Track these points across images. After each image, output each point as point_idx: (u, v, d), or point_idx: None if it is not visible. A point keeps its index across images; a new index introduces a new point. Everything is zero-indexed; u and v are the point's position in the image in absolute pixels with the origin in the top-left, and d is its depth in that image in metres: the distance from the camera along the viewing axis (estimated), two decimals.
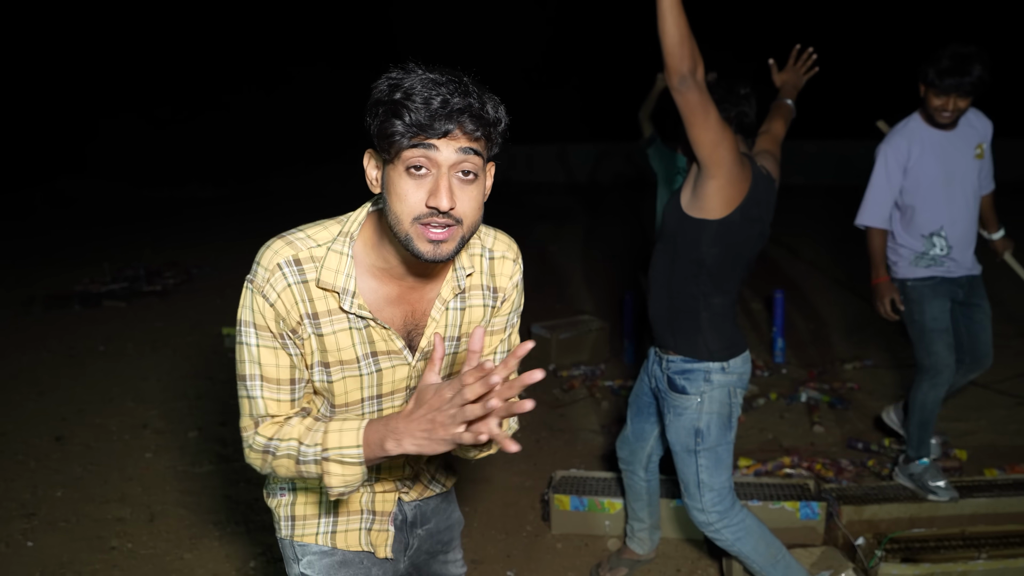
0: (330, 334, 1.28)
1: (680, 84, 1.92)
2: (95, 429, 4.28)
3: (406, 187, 1.15)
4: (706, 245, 2.17)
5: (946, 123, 2.83)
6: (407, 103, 1.10)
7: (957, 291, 3.02)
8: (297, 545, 1.47)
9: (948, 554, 2.61)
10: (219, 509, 3.39)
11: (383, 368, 1.34)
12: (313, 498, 1.46)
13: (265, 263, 1.26)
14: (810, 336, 5.70)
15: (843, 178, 15.34)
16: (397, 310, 1.32)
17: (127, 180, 17.25)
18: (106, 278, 8.00)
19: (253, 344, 1.28)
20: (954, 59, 2.69)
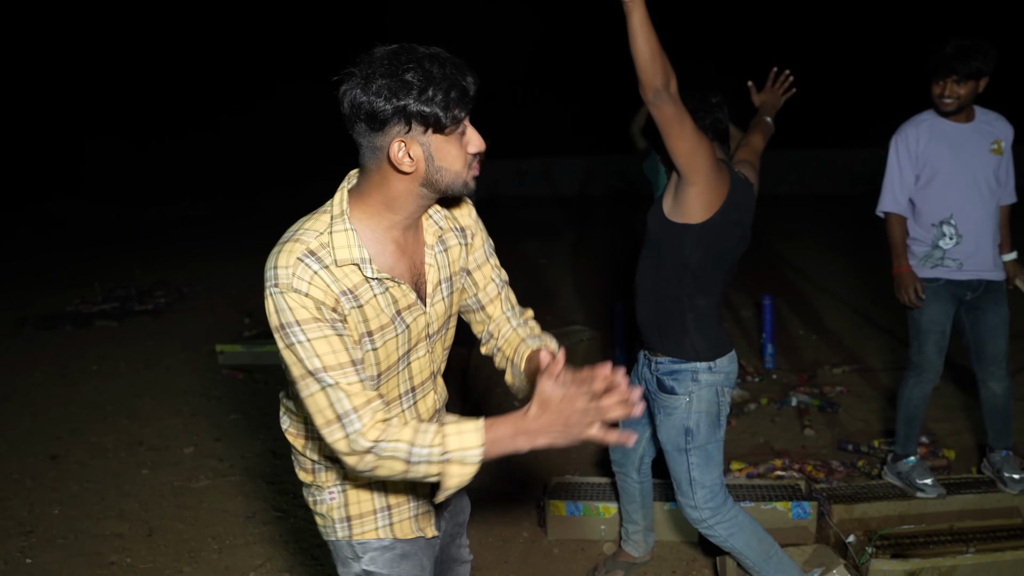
0: (366, 304, 1.37)
1: (655, 98, 2.00)
2: (90, 447, 4.29)
3: (456, 148, 1.35)
4: (689, 248, 2.25)
5: (949, 110, 2.88)
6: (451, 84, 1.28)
7: (964, 292, 3.03)
8: (356, 544, 1.54)
9: (937, 549, 2.66)
10: (217, 523, 3.41)
11: (409, 324, 1.46)
12: (366, 496, 1.54)
13: (283, 263, 1.32)
14: (799, 341, 5.77)
15: (832, 186, 15.54)
16: (402, 265, 1.44)
17: (116, 201, 17.23)
18: (97, 298, 8.00)
19: (304, 340, 1.30)
20: (954, 47, 2.79)
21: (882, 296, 6.68)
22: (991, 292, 3.02)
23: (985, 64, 2.78)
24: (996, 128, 2.95)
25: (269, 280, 1.32)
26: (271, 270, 1.32)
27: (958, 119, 2.94)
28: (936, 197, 2.99)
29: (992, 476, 3.17)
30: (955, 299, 3.05)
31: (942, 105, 2.89)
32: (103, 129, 19.32)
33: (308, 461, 1.57)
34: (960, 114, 2.92)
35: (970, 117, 2.95)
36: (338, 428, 1.30)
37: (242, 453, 4.13)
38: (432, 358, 1.57)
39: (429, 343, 1.53)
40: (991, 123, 2.96)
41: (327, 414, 1.30)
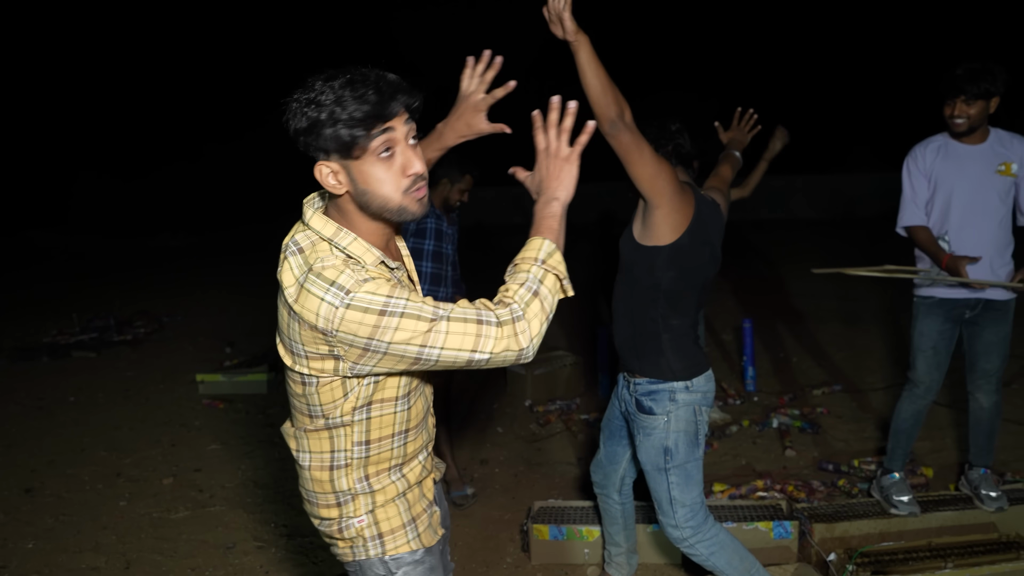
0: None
1: (611, 128, 2.07)
2: (66, 479, 4.23)
3: (381, 171, 1.34)
4: (660, 270, 2.29)
5: (960, 130, 2.93)
6: (347, 108, 1.27)
7: (963, 311, 3.07)
8: (390, 560, 1.55)
9: (916, 565, 2.68)
10: (196, 554, 3.36)
11: None
12: (393, 511, 1.56)
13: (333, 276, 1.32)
14: (779, 364, 5.82)
15: (812, 211, 15.74)
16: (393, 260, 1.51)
17: (98, 231, 17.12)
18: (75, 329, 7.92)
19: (406, 302, 1.31)
20: (964, 69, 2.87)
21: (865, 318, 6.77)
22: (991, 311, 3.05)
23: (993, 85, 2.84)
24: (1011, 150, 2.96)
25: (338, 298, 1.30)
26: (329, 290, 1.31)
27: (970, 140, 2.98)
28: (936, 213, 3.06)
29: (970, 493, 3.20)
30: (951, 318, 3.08)
31: (953, 126, 2.95)
32: (90, 160, 19.26)
33: (332, 496, 1.55)
34: (973, 135, 2.97)
35: (984, 138, 2.98)
36: (490, 325, 1.33)
37: (222, 483, 4.08)
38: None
39: None
40: (1006, 144, 2.98)
41: (469, 329, 1.32)
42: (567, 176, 1.46)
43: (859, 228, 12.29)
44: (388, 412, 1.50)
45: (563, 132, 1.45)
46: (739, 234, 13.74)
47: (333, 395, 1.45)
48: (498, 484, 3.95)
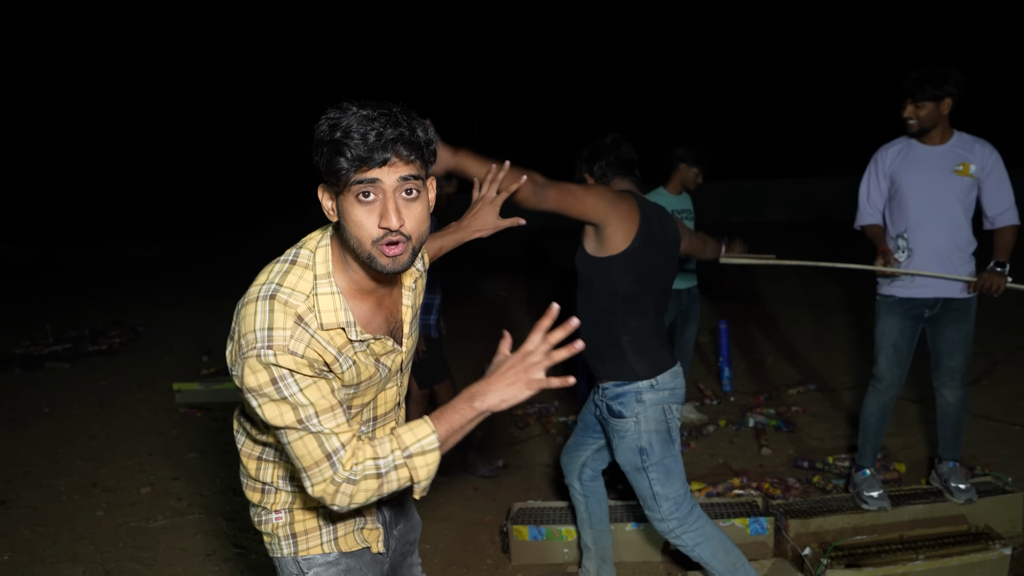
0: (351, 367, 1.40)
1: (536, 196, 2.13)
2: (42, 491, 4.18)
3: (359, 214, 1.29)
4: (617, 276, 2.37)
5: (913, 131, 3.03)
6: (347, 141, 1.24)
7: (922, 310, 3.14)
8: (302, 560, 1.55)
9: (889, 557, 2.74)
10: (175, 562, 3.34)
11: (389, 366, 1.51)
12: (311, 513, 1.55)
13: (279, 324, 1.30)
14: (755, 364, 5.89)
15: (785, 214, 15.93)
16: (379, 318, 1.46)
17: (70, 243, 16.92)
18: (48, 340, 7.82)
19: (296, 391, 1.30)
20: (916, 73, 2.97)
21: (838, 318, 6.88)
22: (951, 310, 3.11)
23: (939, 88, 2.92)
24: (971, 152, 3.03)
25: (260, 341, 1.28)
26: (264, 330, 1.29)
27: (929, 141, 3.06)
28: (894, 212, 3.15)
29: (940, 486, 3.27)
30: (911, 316, 3.16)
31: (907, 127, 3.05)
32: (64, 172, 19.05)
33: (258, 483, 1.57)
34: (931, 137, 3.04)
35: (944, 140, 3.05)
36: (327, 467, 1.31)
37: (201, 491, 4.06)
38: (399, 390, 1.61)
39: (399, 377, 1.58)
40: (967, 147, 3.04)
41: (315, 455, 1.31)
42: (516, 389, 1.33)
43: (832, 230, 12.47)
44: None
45: (547, 342, 1.34)
46: (713, 236, 13.89)
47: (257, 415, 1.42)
48: (477, 487, 3.97)
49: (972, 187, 3.04)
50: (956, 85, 2.94)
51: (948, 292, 3.09)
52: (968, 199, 3.05)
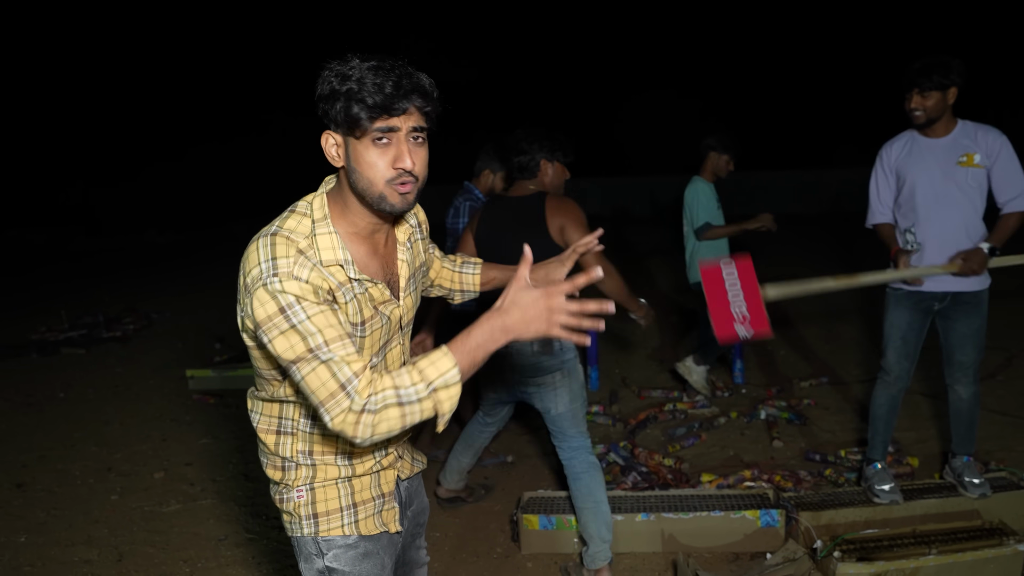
0: (352, 300, 1.45)
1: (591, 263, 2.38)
2: (58, 474, 4.23)
3: (374, 157, 1.38)
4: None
5: (919, 122, 3.00)
6: (363, 89, 1.33)
7: (931, 303, 3.12)
8: (322, 540, 1.57)
9: (901, 552, 2.72)
10: (188, 547, 3.37)
11: (389, 317, 1.55)
12: (332, 494, 1.58)
13: (283, 253, 1.36)
14: (767, 357, 5.87)
15: (800, 206, 15.82)
16: (376, 265, 1.53)
17: (84, 230, 17.03)
18: (63, 326, 7.89)
19: (304, 318, 1.32)
20: (920, 63, 2.95)
21: (850, 311, 6.83)
22: (961, 303, 3.08)
23: (947, 77, 2.90)
24: (975, 141, 2.99)
25: (266, 271, 1.34)
26: (268, 261, 1.35)
27: (934, 134, 3.03)
28: (903, 207, 3.13)
29: (953, 481, 3.25)
30: (921, 309, 3.14)
31: (913, 118, 3.01)
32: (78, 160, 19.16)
33: (279, 459, 1.59)
34: (935, 128, 3.01)
35: (948, 131, 3.02)
36: (343, 397, 1.29)
37: (213, 477, 4.09)
38: (403, 349, 1.65)
39: (401, 335, 1.63)
40: (971, 136, 3.00)
41: (330, 386, 1.30)
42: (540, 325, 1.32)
43: (844, 222, 12.38)
44: None
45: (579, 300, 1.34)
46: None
47: (270, 363, 1.49)
48: (487, 476, 3.98)
49: (980, 176, 2.99)
50: (960, 74, 2.92)
51: (957, 286, 3.06)
52: (976, 190, 3.00)
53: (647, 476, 3.74)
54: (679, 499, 3.25)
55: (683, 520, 3.09)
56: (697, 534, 3.10)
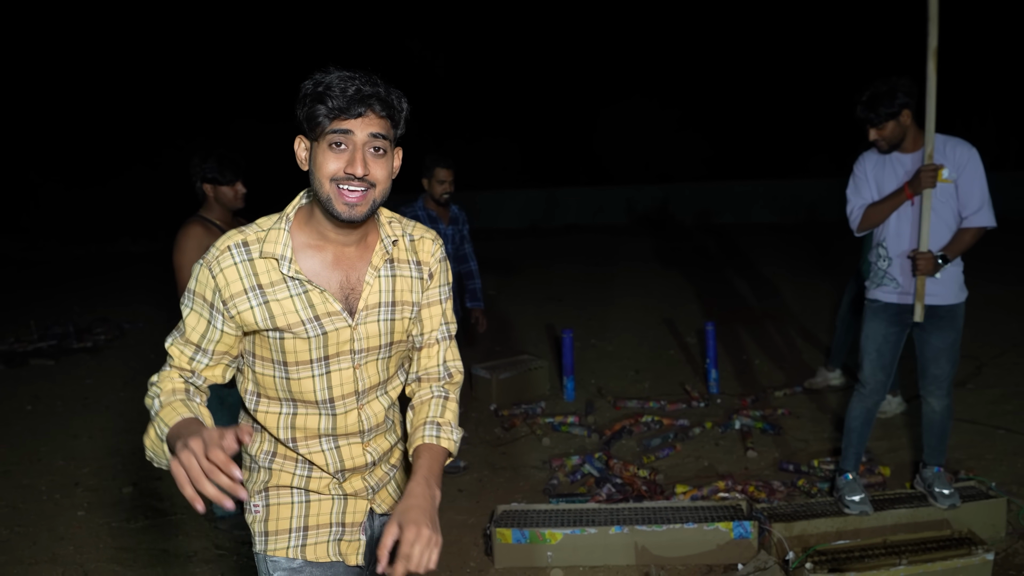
0: (275, 301, 1.48)
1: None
2: (22, 490, 4.14)
3: (328, 159, 1.42)
4: None
5: (884, 150, 3.07)
6: (328, 92, 1.39)
7: (908, 316, 3.13)
8: (269, 560, 1.57)
9: (872, 562, 2.74)
10: (156, 563, 3.31)
11: (328, 331, 1.51)
12: (285, 514, 1.57)
13: (219, 245, 1.49)
14: (742, 366, 5.90)
15: (773, 215, 15.97)
16: (333, 275, 1.52)
17: (54, 238, 16.77)
18: (32, 336, 7.75)
19: (188, 306, 1.50)
20: (866, 98, 3.00)
21: (825, 320, 6.89)
22: (936, 317, 3.10)
23: (892, 106, 2.95)
24: (946, 155, 3.00)
25: (206, 252, 1.50)
26: (211, 247, 1.50)
27: (904, 150, 3.07)
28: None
29: (924, 491, 3.28)
30: (896, 322, 3.16)
31: (877, 148, 3.09)
32: (47, 166, 18.87)
33: (248, 457, 1.62)
34: (903, 145, 3.06)
35: (917, 146, 3.05)
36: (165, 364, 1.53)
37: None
38: (359, 376, 1.55)
39: (355, 359, 1.54)
40: (941, 150, 3.01)
41: (167, 346, 1.53)
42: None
43: (818, 232, 12.53)
44: (268, 374, 1.55)
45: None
46: (702, 238, 13.91)
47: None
48: (462, 488, 3.95)
49: (949, 191, 3.02)
50: (908, 94, 2.96)
51: (933, 299, 3.08)
52: (945, 204, 3.03)
53: (621, 488, 3.73)
54: (653, 511, 3.25)
55: (656, 532, 3.09)
56: (670, 546, 3.10)
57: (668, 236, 14.41)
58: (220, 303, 1.47)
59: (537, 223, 16.66)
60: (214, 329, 1.49)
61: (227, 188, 3.33)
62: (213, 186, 3.32)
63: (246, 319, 1.47)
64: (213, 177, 3.30)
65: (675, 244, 13.20)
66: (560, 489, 3.86)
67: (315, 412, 1.55)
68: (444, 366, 1.68)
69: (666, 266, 10.77)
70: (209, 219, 3.33)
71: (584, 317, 7.75)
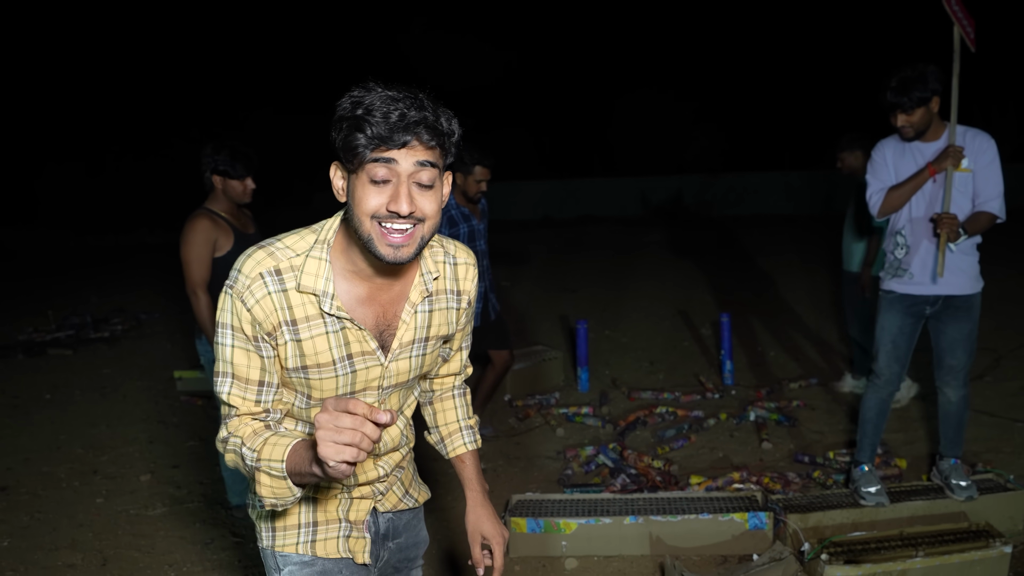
0: (308, 339, 1.36)
1: None
2: (42, 477, 4.19)
3: (368, 193, 1.26)
4: None
5: (908, 137, 3.02)
6: (368, 118, 1.21)
7: (923, 307, 3.12)
8: (279, 555, 1.52)
9: (888, 554, 2.72)
10: (174, 550, 3.35)
11: (358, 369, 1.42)
12: (293, 508, 1.51)
13: (247, 271, 1.34)
14: (757, 358, 5.87)
15: (791, 207, 15.85)
16: (368, 311, 1.40)
17: (70, 228, 16.91)
18: (51, 326, 7.83)
19: (228, 345, 1.36)
20: (896, 82, 2.94)
21: (840, 312, 6.85)
22: (951, 307, 3.09)
23: (925, 91, 2.91)
24: (966, 145, 2.98)
25: (230, 279, 1.35)
26: (235, 271, 1.35)
27: (925, 139, 3.04)
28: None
29: (941, 483, 3.26)
30: (912, 313, 3.14)
31: (902, 134, 3.04)
32: (59, 154, 19.01)
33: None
34: (926, 134, 3.03)
35: (938, 135, 3.02)
36: (222, 425, 1.39)
37: (200, 479, 4.06)
38: (382, 407, 1.50)
39: (381, 394, 1.48)
40: (961, 140, 2.99)
41: (223, 408, 1.40)
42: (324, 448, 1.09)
43: (836, 222, 12.43)
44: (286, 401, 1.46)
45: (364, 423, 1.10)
46: (717, 229, 13.85)
47: None
48: None
49: (968, 181, 3.00)
50: (938, 80, 2.93)
51: (949, 289, 3.06)
52: (964, 195, 3.01)
53: (636, 478, 3.73)
54: (668, 501, 3.25)
55: (671, 523, 3.09)
56: (685, 536, 3.10)
57: (683, 227, 14.35)
58: (264, 335, 1.35)
59: (551, 214, 16.64)
60: (267, 359, 1.37)
61: (237, 182, 3.29)
62: (223, 178, 3.29)
63: (282, 352, 1.37)
64: (224, 170, 3.26)
65: (690, 235, 13.14)
66: (574, 479, 3.87)
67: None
68: (461, 372, 1.73)
69: (681, 257, 10.73)
70: (215, 211, 3.31)
71: (598, 308, 7.74)
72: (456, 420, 1.70)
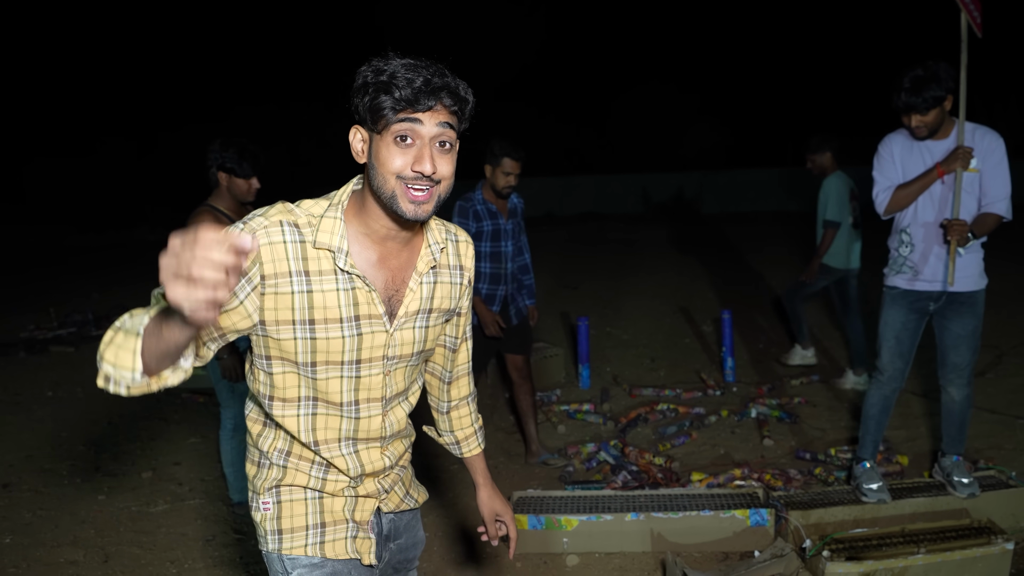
0: (319, 292, 1.39)
1: None
2: (44, 474, 4.19)
3: (393, 153, 1.33)
4: None
5: (922, 136, 2.99)
6: (394, 82, 1.29)
7: (926, 303, 3.11)
8: (286, 558, 1.50)
9: (890, 551, 2.72)
10: (175, 547, 3.35)
11: (363, 332, 1.44)
12: (300, 511, 1.51)
13: (268, 215, 1.38)
14: (758, 354, 5.87)
15: (792, 203, 15.83)
16: (379, 273, 1.45)
17: (71, 224, 16.93)
18: (52, 323, 7.84)
19: None
20: (909, 82, 2.91)
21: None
22: (956, 304, 3.07)
23: (939, 89, 2.88)
24: (975, 143, 2.96)
25: (245, 218, 1.37)
26: (253, 214, 1.38)
27: (934, 137, 3.02)
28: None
29: (942, 480, 3.25)
30: (916, 309, 3.13)
31: (916, 134, 3.00)
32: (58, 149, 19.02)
33: (257, 452, 1.56)
34: (936, 133, 3.00)
35: (947, 133, 3.00)
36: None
37: (202, 476, 4.07)
38: (388, 383, 1.52)
39: (387, 365, 1.50)
40: (970, 138, 2.97)
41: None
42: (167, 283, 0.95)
43: None
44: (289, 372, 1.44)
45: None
46: (718, 226, 13.83)
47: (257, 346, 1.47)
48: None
49: (975, 180, 2.98)
50: (951, 78, 2.90)
51: (954, 286, 3.04)
52: (971, 194, 2.99)
53: (637, 475, 3.73)
54: (669, 498, 3.25)
55: (672, 519, 3.09)
56: (686, 533, 3.10)
57: (684, 223, 14.34)
58: (258, 276, 1.34)
59: (553, 210, 16.63)
60: (236, 303, 1.34)
61: (242, 181, 3.27)
62: (229, 176, 3.27)
63: (281, 303, 1.36)
64: (231, 167, 3.25)
65: (691, 231, 13.13)
66: (576, 476, 3.87)
67: (336, 414, 1.49)
68: (468, 365, 1.76)
69: (682, 253, 10.72)
70: (219, 208, 3.30)
71: (600, 305, 7.74)
72: (471, 425, 1.80)
